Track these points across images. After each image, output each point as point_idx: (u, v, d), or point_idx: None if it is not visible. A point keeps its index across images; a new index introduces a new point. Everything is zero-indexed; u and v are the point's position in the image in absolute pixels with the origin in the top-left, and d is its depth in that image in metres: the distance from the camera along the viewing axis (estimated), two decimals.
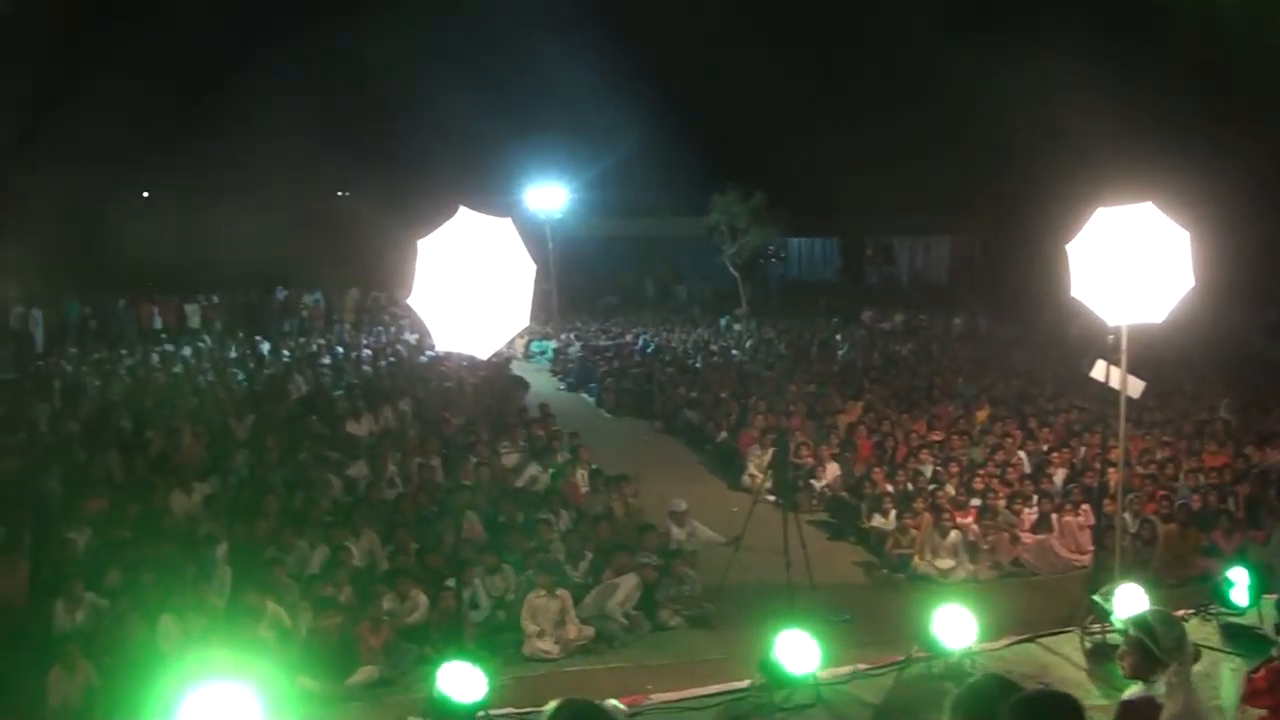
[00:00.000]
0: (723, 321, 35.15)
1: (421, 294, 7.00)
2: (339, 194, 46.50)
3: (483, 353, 7.26)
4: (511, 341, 20.20)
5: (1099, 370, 10.46)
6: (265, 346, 26.36)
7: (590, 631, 10.22)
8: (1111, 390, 9.94)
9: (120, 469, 13.50)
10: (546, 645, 9.95)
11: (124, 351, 25.86)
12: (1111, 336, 9.41)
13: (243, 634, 9.18)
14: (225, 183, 39.09)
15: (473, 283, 6.97)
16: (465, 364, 19.26)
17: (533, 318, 7.84)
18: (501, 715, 5.72)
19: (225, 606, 9.81)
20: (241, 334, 29.14)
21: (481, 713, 5.54)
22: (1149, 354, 14.91)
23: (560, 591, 10.34)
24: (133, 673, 8.84)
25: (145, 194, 43.51)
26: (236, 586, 10.06)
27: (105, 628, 9.46)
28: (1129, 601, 8.60)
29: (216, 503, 11.89)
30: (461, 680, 5.44)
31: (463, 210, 7.20)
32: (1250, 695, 5.56)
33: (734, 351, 27.91)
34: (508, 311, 7.17)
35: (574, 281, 38.99)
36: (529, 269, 7.31)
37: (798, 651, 7.96)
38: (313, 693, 8.85)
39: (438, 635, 9.75)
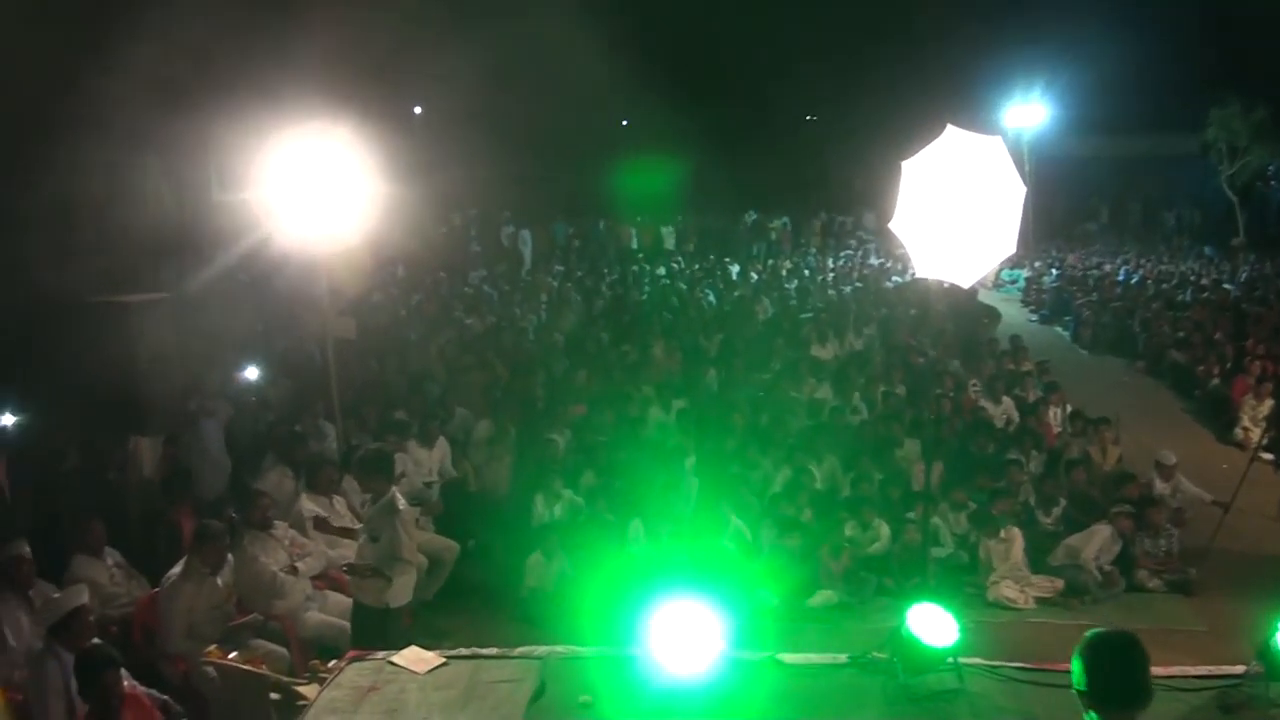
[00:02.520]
0: (1207, 250, 31.75)
1: (904, 217, 6.66)
2: (807, 118, 46.61)
3: (965, 280, 6.81)
4: None
5: None
6: (734, 269, 27.04)
7: (1059, 583, 9.60)
8: None
9: (597, 379, 14.27)
10: (1012, 592, 9.44)
11: (604, 269, 27.48)
12: None
13: (707, 544, 9.45)
14: (695, 110, 40.30)
15: (959, 205, 6.54)
16: (935, 291, 18.76)
17: None
18: (970, 664, 5.37)
19: (691, 516, 10.14)
20: (712, 256, 30.09)
21: (951, 659, 5.23)
22: None
23: (1021, 535, 9.82)
24: (602, 568, 9.36)
25: (625, 122, 45.74)
26: (702, 498, 10.34)
27: (579, 524, 10.05)
28: None
29: (687, 416, 12.21)
30: (932, 622, 5.17)
31: (950, 128, 6.75)
32: None
33: (1228, 286, 25.16)
34: (994, 237, 6.66)
35: (1050, 205, 36.60)
36: (1019, 191, 6.77)
37: None
38: (772, 609, 8.94)
39: (898, 568, 9.56)
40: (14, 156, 13.53)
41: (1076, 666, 3.45)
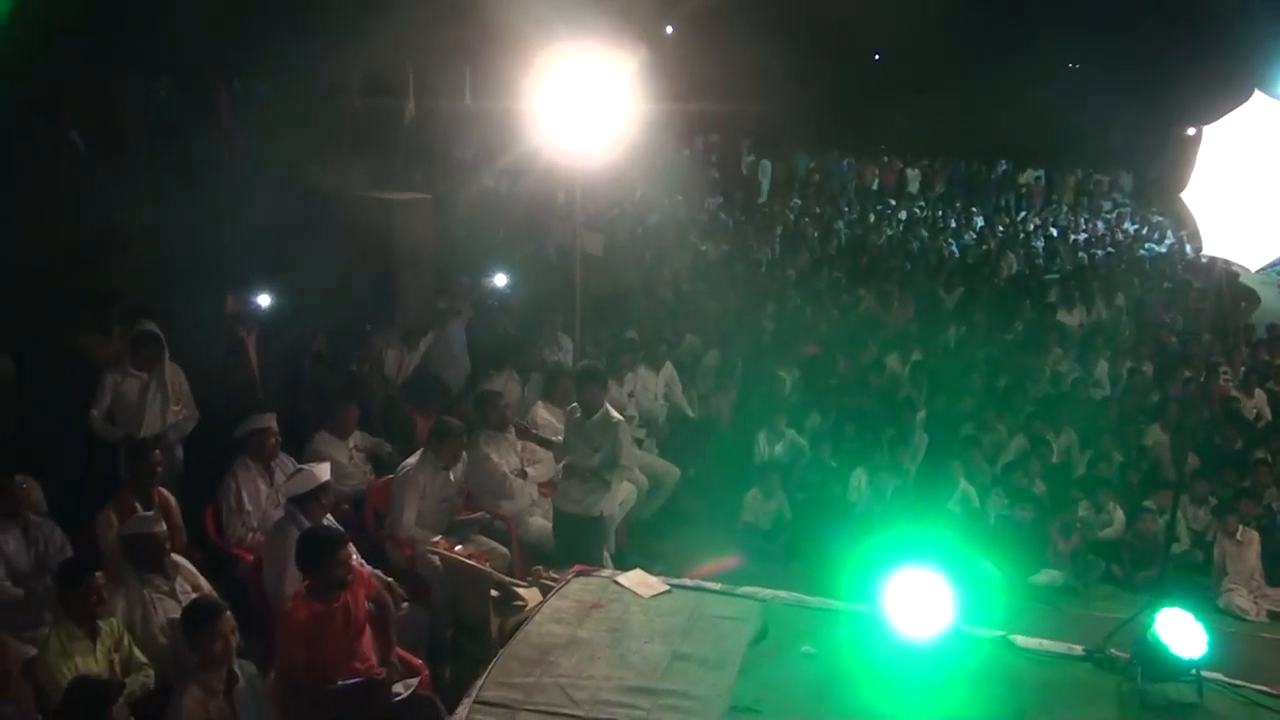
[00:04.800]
0: None
1: (1200, 187, 6.23)
2: (1069, 66, 44.22)
3: (1253, 263, 6.34)
4: None
5: None
6: (979, 220, 26.07)
7: None
8: None
9: (828, 320, 14.03)
10: (1245, 602, 8.78)
11: (844, 207, 26.93)
12: None
13: (930, 504, 9.24)
14: (952, 49, 38.78)
15: (1259, 180, 6.07)
16: (1196, 267, 17.57)
17: None
18: (1211, 679, 5.05)
19: (917, 473, 9.92)
20: (958, 204, 29.06)
21: (1194, 670, 4.94)
22: None
23: (1259, 539, 9.13)
24: (822, 513, 9.33)
25: (877, 56, 44.38)
26: (930, 456, 10.11)
27: (801, 466, 9.99)
28: None
29: (921, 369, 11.88)
30: (1181, 629, 4.89)
31: (1257, 94, 6.25)
32: None
33: None
34: None
35: None
36: None
37: None
38: (994, 580, 8.67)
39: (1129, 557, 9.11)
40: (290, 63, 14.22)
41: None
